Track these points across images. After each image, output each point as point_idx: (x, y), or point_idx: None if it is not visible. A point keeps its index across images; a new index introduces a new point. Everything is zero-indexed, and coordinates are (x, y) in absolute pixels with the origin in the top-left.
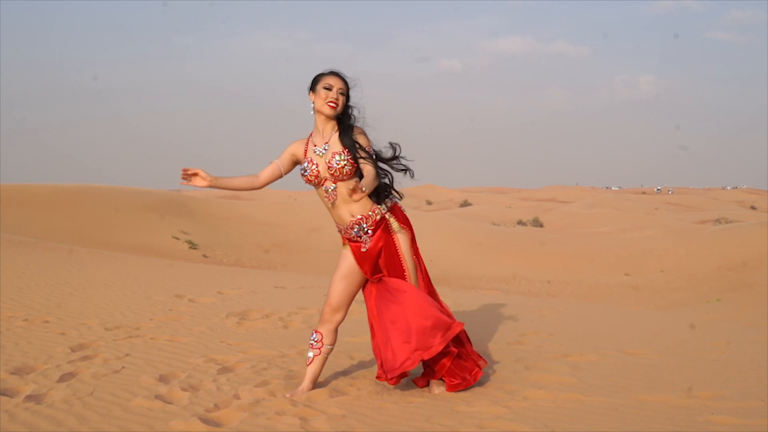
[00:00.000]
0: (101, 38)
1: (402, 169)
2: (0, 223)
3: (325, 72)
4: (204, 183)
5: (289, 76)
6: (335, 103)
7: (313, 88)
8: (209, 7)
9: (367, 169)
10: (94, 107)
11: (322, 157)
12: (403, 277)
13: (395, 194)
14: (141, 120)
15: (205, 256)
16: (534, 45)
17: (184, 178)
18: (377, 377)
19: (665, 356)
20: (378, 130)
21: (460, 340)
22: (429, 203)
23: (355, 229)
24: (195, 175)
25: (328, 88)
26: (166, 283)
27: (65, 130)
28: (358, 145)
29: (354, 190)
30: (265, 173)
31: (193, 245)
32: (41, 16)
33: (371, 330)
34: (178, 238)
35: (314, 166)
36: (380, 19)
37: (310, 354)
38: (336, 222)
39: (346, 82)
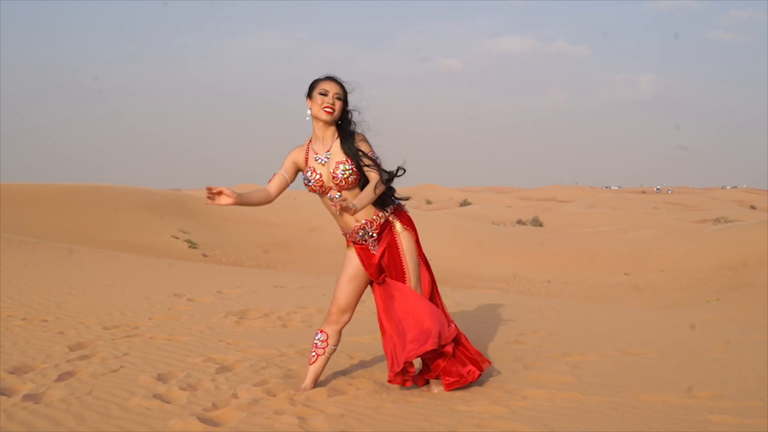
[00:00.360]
0: (101, 38)
1: (400, 175)
2: (0, 223)
3: (321, 77)
4: (229, 201)
5: (289, 76)
6: (331, 108)
7: (309, 94)
8: (209, 7)
9: (372, 176)
10: (94, 107)
11: (324, 165)
12: (404, 279)
13: (401, 200)
14: (141, 120)
15: (204, 255)
16: (534, 45)
17: (209, 197)
18: (389, 381)
19: (665, 356)
20: (379, 132)
21: (459, 340)
22: (429, 203)
23: (360, 234)
24: (219, 193)
25: (324, 94)
26: (165, 283)
27: (65, 129)
28: (361, 153)
29: (342, 210)
30: (274, 187)
31: (192, 244)
32: (41, 16)
33: (381, 328)
34: (177, 238)
35: (317, 176)
36: (380, 19)
37: (314, 353)
38: (341, 226)
39: (342, 87)
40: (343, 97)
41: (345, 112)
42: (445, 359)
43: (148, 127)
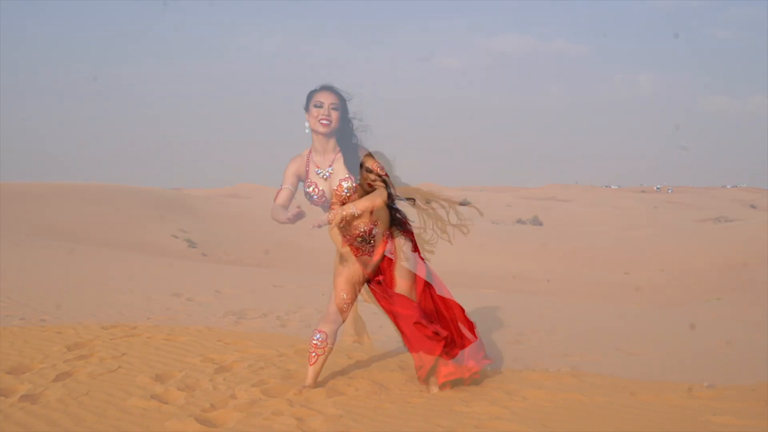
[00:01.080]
0: (101, 38)
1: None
2: (0, 221)
3: (317, 88)
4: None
5: (289, 75)
6: (328, 119)
7: (306, 107)
8: (209, 7)
9: (380, 190)
10: (94, 107)
11: (326, 180)
12: (392, 284)
13: (406, 219)
14: (141, 120)
15: (204, 254)
16: (533, 43)
17: (295, 216)
18: (416, 371)
19: (665, 356)
20: (378, 134)
21: (450, 343)
22: (428, 202)
23: (359, 240)
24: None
25: (319, 106)
26: (164, 282)
27: (65, 129)
28: (367, 169)
29: (318, 226)
30: (286, 201)
31: (192, 244)
32: (41, 16)
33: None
34: (177, 237)
35: (319, 191)
36: (380, 17)
37: (314, 353)
38: (342, 232)
39: (339, 96)
40: (341, 107)
41: (345, 122)
42: (434, 358)
43: (149, 127)
